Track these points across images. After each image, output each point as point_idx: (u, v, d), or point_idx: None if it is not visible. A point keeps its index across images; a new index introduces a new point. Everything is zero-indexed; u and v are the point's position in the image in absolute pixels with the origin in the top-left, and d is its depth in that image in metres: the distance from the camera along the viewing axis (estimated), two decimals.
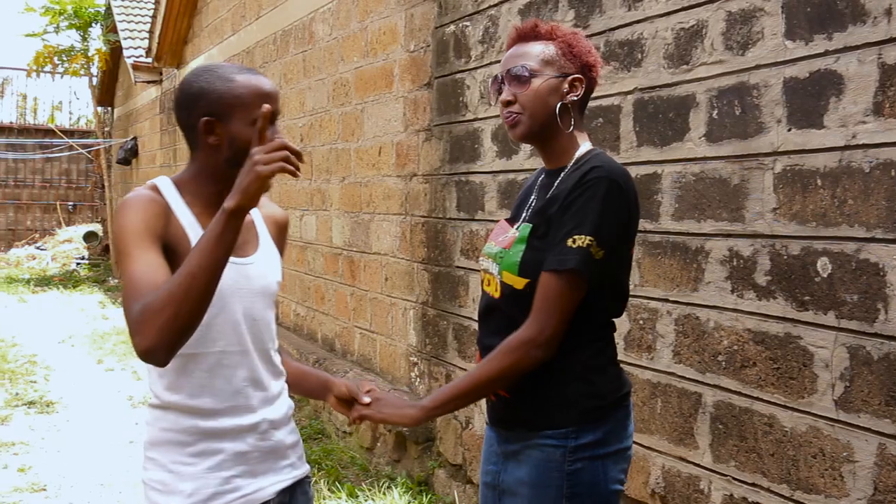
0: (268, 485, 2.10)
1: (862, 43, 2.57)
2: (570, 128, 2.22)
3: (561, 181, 2.19)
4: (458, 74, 4.87)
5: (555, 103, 2.20)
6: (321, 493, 5.00)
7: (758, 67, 2.91)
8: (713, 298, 3.09)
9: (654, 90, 3.37)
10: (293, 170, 1.82)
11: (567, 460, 2.14)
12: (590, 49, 2.25)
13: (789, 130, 2.79)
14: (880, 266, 2.51)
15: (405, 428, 5.16)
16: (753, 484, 2.92)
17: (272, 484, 2.11)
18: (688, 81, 3.21)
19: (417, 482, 5.12)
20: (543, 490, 2.16)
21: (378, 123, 6.00)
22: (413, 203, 5.46)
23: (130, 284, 1.81)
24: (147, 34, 13.74)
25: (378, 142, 6.00)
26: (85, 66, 17.58)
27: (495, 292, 2.25)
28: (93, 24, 17.32)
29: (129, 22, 15.53)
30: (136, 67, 14.09)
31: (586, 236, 2.04)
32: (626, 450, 2.25)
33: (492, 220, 4.55)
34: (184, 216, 2.01)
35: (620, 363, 2.31)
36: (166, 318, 1.73)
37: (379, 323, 5.99)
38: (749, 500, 2.95)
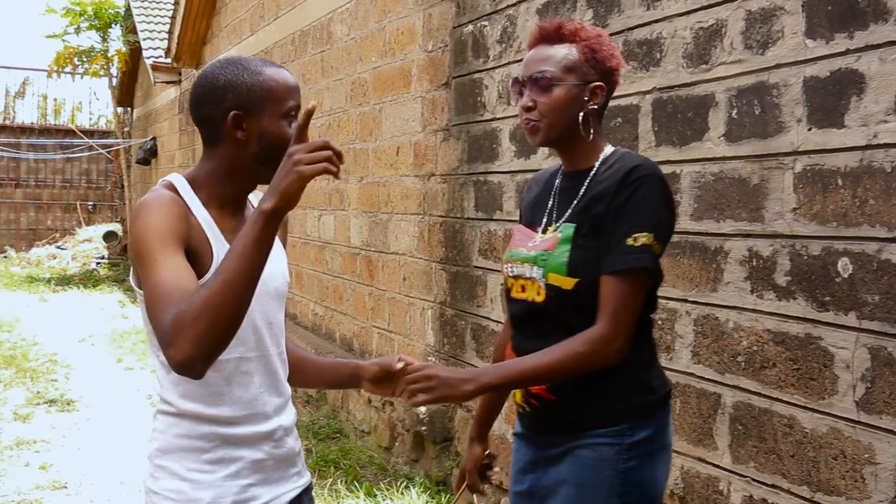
0: (282, 493, 2.04)
1: (884, 42, 2.55)
2: (591, 135, 2.21)
3: (595, 181, 2.18)
4: (476, 74, 4.87)
5: (576, 112, 2.18)
6: (339, 493, 5.01)
7: (778, 67, 2.89)
8: (732, 299, 3.08)
9: (673, 90, 3.36)
10: (336, 171, 1.71)
11: (621, 458, 2.12)
12: (613, 52, 2.23)
13: (809, 130, 2.77)
14: None
15: (424, 428, 5.17)
16: (773, 485, 2.91)
17: (286, 492, 2.05)
18: (707, 81, 3.19)
19: (435, 482, 5.12)
20: (592, 489, 2.13)
21: (396, 123, 6.00)
22: (431, 203, 5.46)
23: (158, 292, 1.71)
24: (166, 35, 13.81)
25: (396, 142, 6.01)
26: (105, 67, 17.69)
27: (537, 296, 2.20)
28: (112, 25, 17.43)
29: (149, 23, 15.61)
30: (156, 68, 14.17)
31: (648, 234, 2.04)
32: (670, 446, 2.25)
33: (510, 220, 4.54)
34: (202, 217, 1.93)
35: None
36: (203, 328, 1.62)
37: (397, 323, 6.00)
38: (769, 502, 2.93)
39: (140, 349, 9.62)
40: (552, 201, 2.28)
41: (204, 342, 1.63)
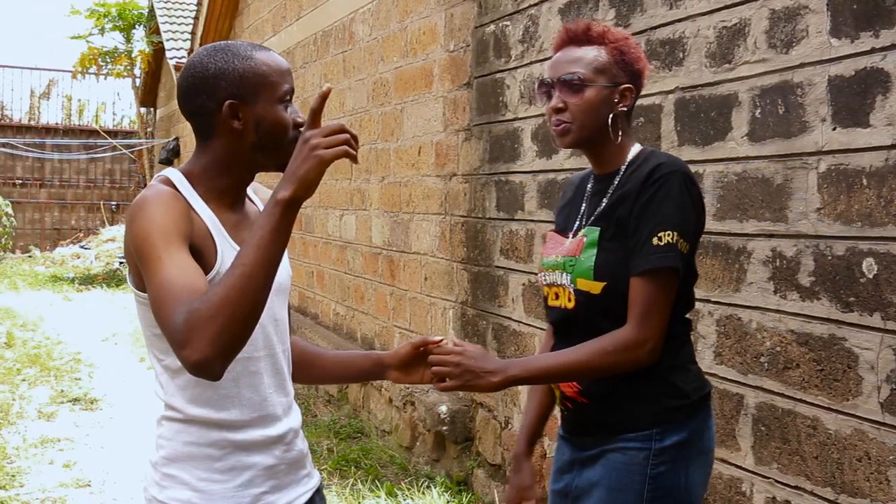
0: (295, 497, 1.97)
1: None
2: (619, 138, 2.20)
3: (620, 182, 2.16)
4: (498, 74, 4.87)
5: (606, 114, 2.17)
6: (360, 493, 5.01)
7: (802, 66, 2.87)
8: (755, 299, 3.06)
9: (696, 89, 3.34)
10: (355, 154, 1.64)
11: (651, 463, 2.10)
12: (639, 55, 2.22)
13: (834, 129, 2.75)
14: None
15: (444, 424, 5.17)
16: (796, 487, 2.89)
17: (298, 496, 1.99)
18: (730, 80, 3.18)
19: (456, 482, 5.12)
20: (621, 493, 2.11)
21: (418, 123, 6.01)
22: (452, 203, 5.46)
23: (166, 291, 1.61)
24: (189, 35, 13.89)
25: (418, 142, 6.01)
26: (128, 68, 17.82)
27: (569, 303, 2.20)
28: (136, 26, 17.57)
29: (172, 23, 15.71)
30: (179, 68, 14.24)
31: (672, 231, 2.02)
32: (709, 452, 2.20)
33: (531, 221, 4.54)
34: (203, 212, 1.84)
35: None
36: (220, 326, 1.53)
37: (418, 322, 6.00)
38: None
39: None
40: (584, 206, 2.26)
41: (221, 341, 1.54)
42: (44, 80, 22.99)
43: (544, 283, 2.29)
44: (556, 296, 2.24)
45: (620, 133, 2.20)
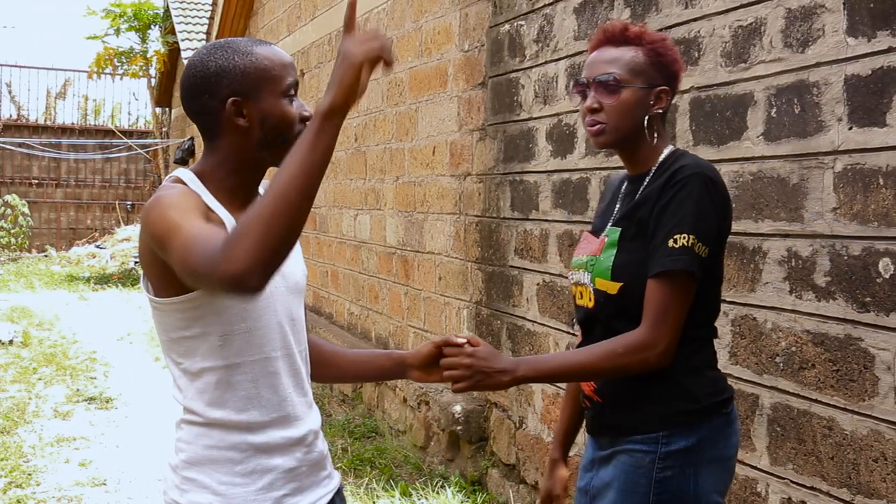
0: (315, 499, 1.96)
1: None
2: (654, 140, 2.19)
3: (648, 184, 2.16)
4: (513, 74, 4.87)
5: (641, 116, 2.16)
6: (374, 492, 5.02)
7: (818, 65, 2.86)
8: (771, 299, 3.05)
9: (711, 89, 3.33)
10: (390, 59, 1.60)
11: (657, 467, 2.08)
12: (676, 57, 2.21)
13: (850, 129, 2.74)
14: None
15: (460, 427, 5.17)
16: (812, 487, 2.88)
17: (318, 499, 1.97)
18: (745, 80, 3.17)
19: (471, 482, 5.12)
20: (630, 496, 2.11)
21: (432, 123, 6.01)
22: (467, 202, 5.46)
23: (193, 243, 1.58)
24: (204, 35, 13.94)
25: (432, 141, 6.02)
26: (144, 68, 17.89)
27: (589, 302, 2.21)
28: (152, 27, 17.64)
29: (187, 23, 15.76)
30: None
31: (689, 235, 2.01)
32: (726, 460, 2.16)
33: (546, 220, 4.54)
34: (217, 210, 1.82)
35: None
36: (258, 237, 1.47)
37: (433, 322, 6.00)
38: None
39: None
40: (617, 206, 2.26)
41: (259, 251, 1.47)
42: (60, 81, 23.14)
43: (572, 282, 2.31)
44: (581, 295, 2.25)
45: (656, 136, 2.19)
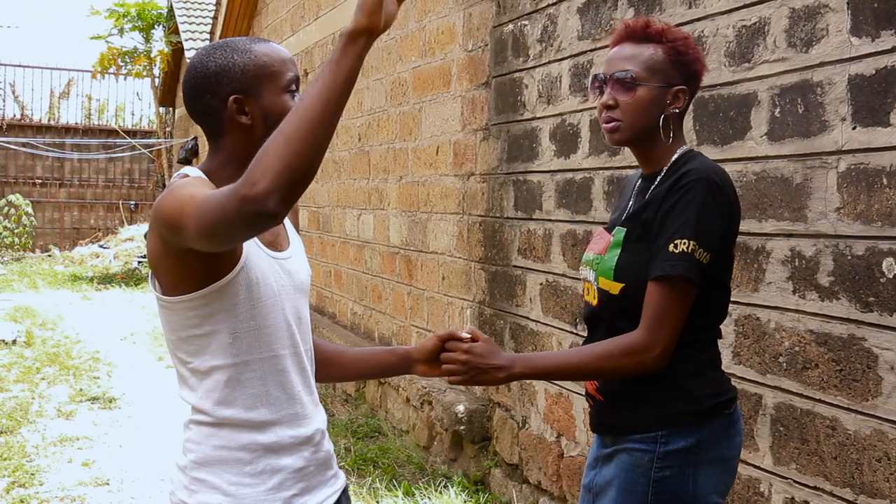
0: (323, 499, 1.96)
1: None
2: (669, 139, 2.18)
3: (657, 185, 2.15)
4: (516, 74, 4.87)
5: (657, 115, 2.16)
6: (378, 492, 5.02)
7: (822, 65, 2.86)
8: (774, 299, 3.05)
9: (715, 88, 3.33)
10: None
11: (655, 467, 2.09)
12: (698, 56, 2.20)
13: (854, 129, 2.74)
14: None
15: (463, 426, 5.17)
16: (815, 487, 2.88)
17: (326, 498, 1.98)
18: (749, 79, 3.17)
19: (474, 481, 5.12)
20: (629, 495, 2.12)
21: (435, 123, 6.01)
22: (470, 202, 5.46)
23: (203, 200, 1.57)
24: (208, 35, 13.95)
25: (435, 141, 6.02)
26: (147, 68, 17.91)
27: (593, 300, 2.22)
28: (155, 26, 17.66)
29: (191, 23, 15.78)
30: None
31: (689, 240, 2.00)
32: (727, 461, 2.16)
33: (549, 220, 4.54)
34: None
35: None
36: (278, 156, 1.46)
37: (436, 322, 6.00)
38: None
39: None
40: (631, 202, 2.26)
41: (281, 170, 1.46)
42: (63, 81, 23.15)
43: (581, 278, 2.32)
44: (587, 291, 2.27)
45: (671, 136, 2.19)
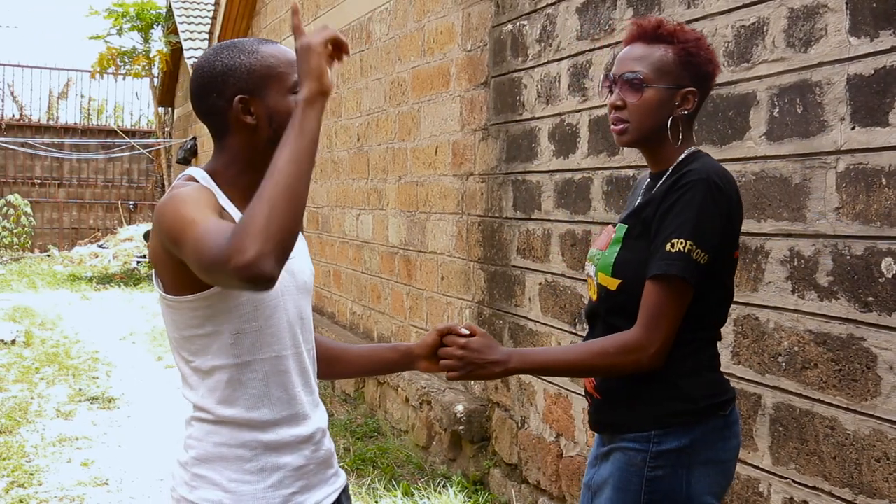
0: (322, 497, 1.98)
1: None
2: (679, 141, 2.18)
3: (661, 184, 2.15)
4: (515, 73, 4.87)
5: (665, 116, 2.15)
6: (377, 492, 5.02)
7: (821, 65, 2.86)
8: (773, 299, 3.05)
9: (714, 88, 3.32)
10: (344, 42, 1.73)
11: (648, 466, 2.09)
12: (710, 58, 2.19)
13: (853, 129, 2.74)
14: None
15: (462, 427, 5.17)
16: (814, 487, 2.88)
17: (326, 496, 1.99)
18: (748, 79, 3.17)
19: (473, 481, 5.12)
20: (623, 494, 2.12)
21: (434, 123, 6.01)
22: (469, 202, 5.46)
23: (206, 237, 1.61)
24: (207, 35, 13.95)
25: (434, 141, 6.02)
26: (146, 68, 17.90)
27: (594, 295, 2.24)
28: (154, 26, 17.64)
29: (190, 23, 15.78)
30: None
31: (686, 240, 2.00)
32: (722, 463, 2.15)
33: (548, 220, 4.54)
34: (229, 209, 1.85)
35: None
36: (263, 224, 1.53)
37: (435, 322, 6.00)
38: None
39: None
40: (639, 201, 2.26)
41: (267, 238, 1.53)
42: (62, 81, 23.12)
43: (585, 272, 2.34)
44: (590, 287, 2.28)
45: (680, 139, 2.18)
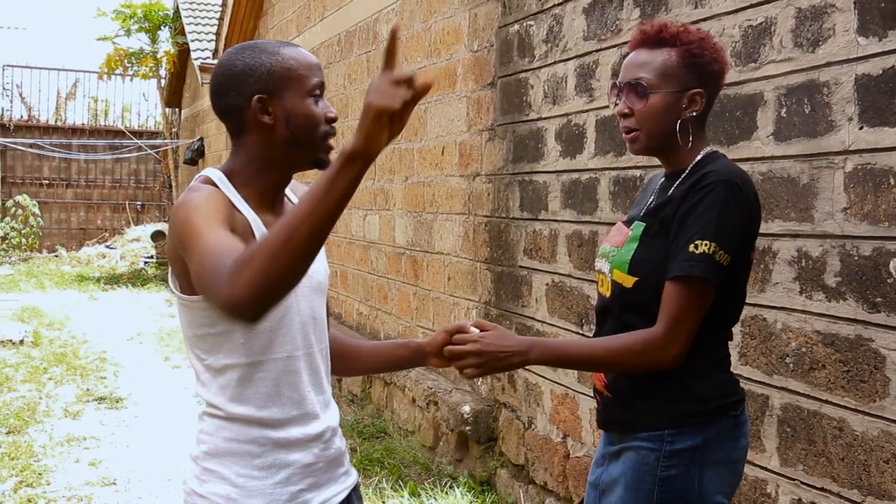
0: (331, 496, 1.99)
1: None
2: (689, 143, 2.18)
3: (679, 184, 2.15)
4: (522, 74, 4.86)
5: (673, 120, 2.15)
6: (384, 492, 5.02)
7: (828, 65, 2.85)
8: (781, 299, 3.04)
9: (724, 86, 3.32)
10: (405, 118, 1.53)
11: (661, 465, 2.09)
12: (715, 56, 2.18)
13: (861, 129, 2.73)
14: None
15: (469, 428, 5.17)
16: (822, 488, 2.87)
17: (335, 495, 2.00)
18: (755, 80, 3.16)
19: (479, 482, 5.12)
20: (635, 493, 2.12)
21: (441, 123, 6.01)
22: (476, 203, 5.46)
23: (209, 259, 1.58)
24: (214, 36, 13.96)
25: (441, 141, 6.01)
26: (153, 69, 17.92)
27: (607, 292, 2.23)
28: (162, 27, 17.66)
29: (197, 24, 15.78)
30: (204, 69, 14.30)
31: (710, 242, 2.01)
32: (733, 463, 2.16)
33: (555, 220, 4.53)
34: (244, 210, 1.86)
35: None
36: (258, 268, 1.46)
37: (442, 322, 6.00)
38: None
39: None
40: (652, 199, 2.26)
41: (256, 282, 1.46)
42: (70, 82, 23.16)
43: (596, 269, 2.33)
44: (601, 283, 2.28)
45: (690, 141, 2.18)
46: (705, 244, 2.01)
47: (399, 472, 5.47)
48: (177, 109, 20.59)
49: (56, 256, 20.29)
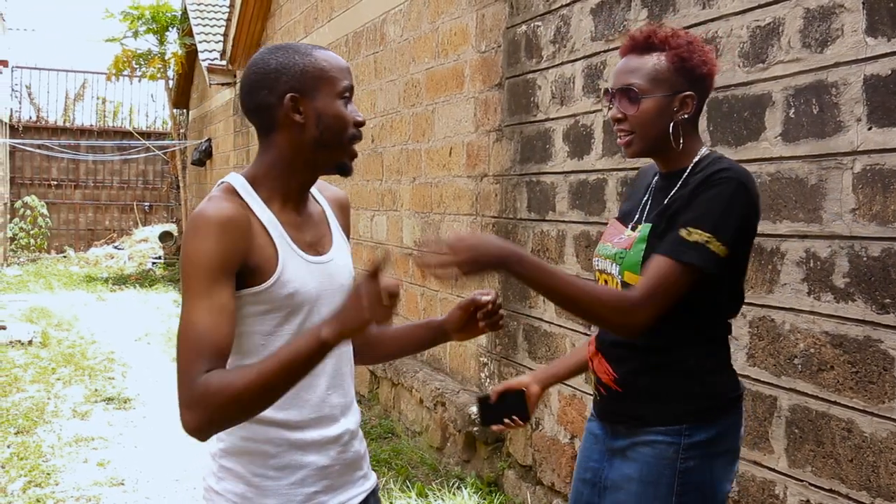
0: (348, 499, 1.99)
1: None
2: (681, 145, 2.20)
3: (682, 183, 2.18)
4: (530, 75, 4.86)
5: (666, 123, 2.18)
6: (391, 493, 5.02)
7: (837, 65, 2.85)
8: (789, 300, 3.04)
9: (729, 89, 3.32)
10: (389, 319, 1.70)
11: (680, 458, 2.14)
12: (704, 59, 2.21)
13: (870, 129, 2.73)
14: None
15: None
16: (831, 490, 2.86)
17: (351, 498, 2.00)
18: (764, 80, 3.15)
19: (487, 483, 5.12)
20: (654, 487, 2.16)
21: (448, 124, 6.01)
22: (483, 203, 5.46)
23: (191, 335, 1.71)
24: (222, 37, 13.97)
25: (449, 142, 6.02)
26: (161, 70, 17.93)
27: None
28: (169, 29, 17.67)
29: (205, 25, 15.81)
30: (211, 70, 14.32)
31: (704, 231, 2.03)
32: (736, 451, 2.25)
33: (562, 221, 4.53)
34: (266, 218, 1.86)
35: None
36: (224, 415, 1.68)
37: None
38: None
39: None
40: (648, 199, 2.29)
41: (220, 424, 1.71)
42: (78, 83, 23.20)
43: (596, 268, 2.34)
44: (606, 283, 2.28)
45: (682, 140, 2.20)
46: (698, 233, 2.04)
47: (407, 473, 5.47)
48: (184, 110, 20.62)
49: (64, 257, 20.34)
